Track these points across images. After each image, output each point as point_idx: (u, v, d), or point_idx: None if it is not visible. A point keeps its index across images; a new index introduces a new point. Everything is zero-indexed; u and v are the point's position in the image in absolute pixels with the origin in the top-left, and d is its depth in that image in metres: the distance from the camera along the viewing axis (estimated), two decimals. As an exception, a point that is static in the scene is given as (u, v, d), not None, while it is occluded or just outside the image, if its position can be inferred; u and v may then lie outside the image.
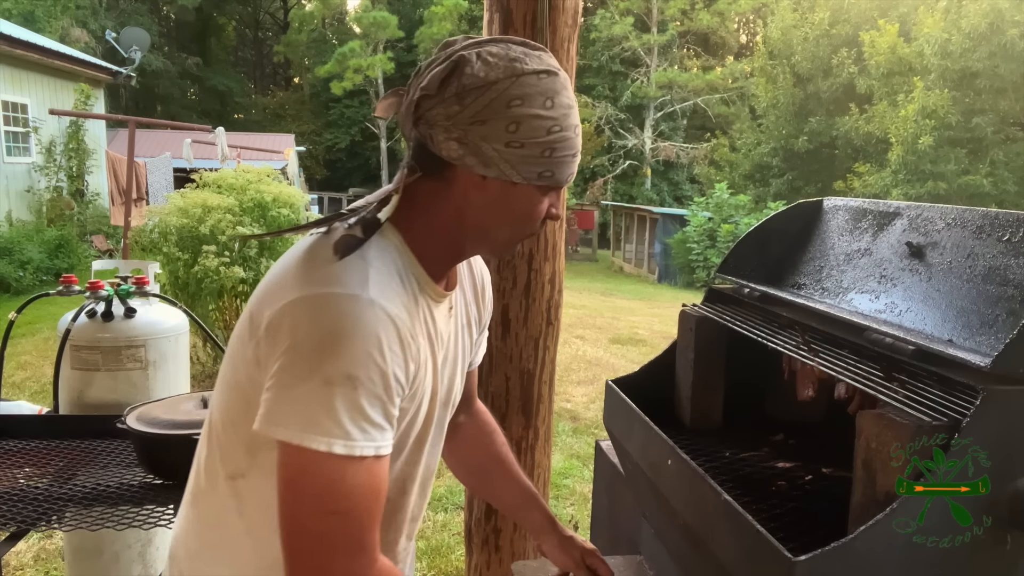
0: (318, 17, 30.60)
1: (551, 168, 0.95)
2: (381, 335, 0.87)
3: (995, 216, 1.18)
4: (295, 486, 0.87)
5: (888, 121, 19.06)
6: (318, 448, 0.84)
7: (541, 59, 0.96)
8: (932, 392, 0.99)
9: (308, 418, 0.85)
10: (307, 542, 0.87)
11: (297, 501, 0.87)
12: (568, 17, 2.12)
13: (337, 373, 0.85)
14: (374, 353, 0.86)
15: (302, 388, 0.86)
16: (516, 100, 0.92)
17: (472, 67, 0.92)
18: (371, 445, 0.87)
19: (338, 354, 0.85)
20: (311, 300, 0.88)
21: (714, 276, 2.11)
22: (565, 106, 0.95)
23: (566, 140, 0.95)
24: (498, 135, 0.92)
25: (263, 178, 6.43)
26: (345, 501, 0.87)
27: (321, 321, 0.87)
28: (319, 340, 0.86)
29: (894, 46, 19.40)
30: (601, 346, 8.28)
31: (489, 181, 0.95)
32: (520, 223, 1.01)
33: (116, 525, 1.54)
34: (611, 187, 25.30)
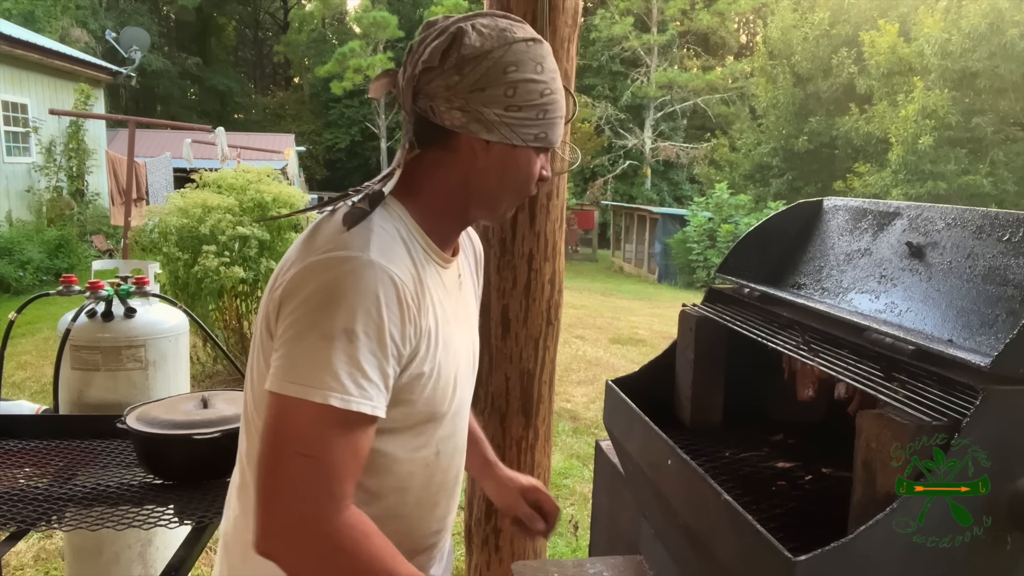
0: (318, 17, 30.59)
1: (545, 129, 1.02)
2: (380, 293, 0.90)
3: (995, 216, 1.18)
4: (276, 427, 0.88)
5: (888, 121, 19.06)
6: (313, 399, 0.86)
7: (525, 29, 1.02)
8: (932, 392, 0.99)
9: (308, 373, 0.87)
10: (276, 482, 0.87)
11: (275, 441, 0.88)
12: (568, 17, 2.12)
13: (335, 328, 0.87)
14: (371, 310, 0.89)
15: (302, 344, 0.88)
16: (511, 66, 0.98)
17: (469, 38, 0.97)
18: (367, 403, 0.89)
19: (336, 310, 0.88)
20: (314, 263, 0.92)
21: (714, 276, 2.11)
22: (552, 71, 1.03)
23: (555, 103, 1.02)
24: (498, 100, 0.97)
25: (263, 178, 6.43)
26: (319, 447, 0.87)
27: (322, 280, 0.90)
28: (319, 298, 0.89)
29: (894, 46, 19.40)
30: (601, 346, 8.27)
31: (492, 146, 1.00)
32: (520, 185, 1.06)
33: (116, 525, 1.54)
34: (611, 187, 25.30)
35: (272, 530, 0.87)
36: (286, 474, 0.87)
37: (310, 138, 28.81)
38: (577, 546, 3.58)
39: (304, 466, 0.87)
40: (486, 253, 2.23)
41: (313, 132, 29.76)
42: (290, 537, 0.87)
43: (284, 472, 0.87)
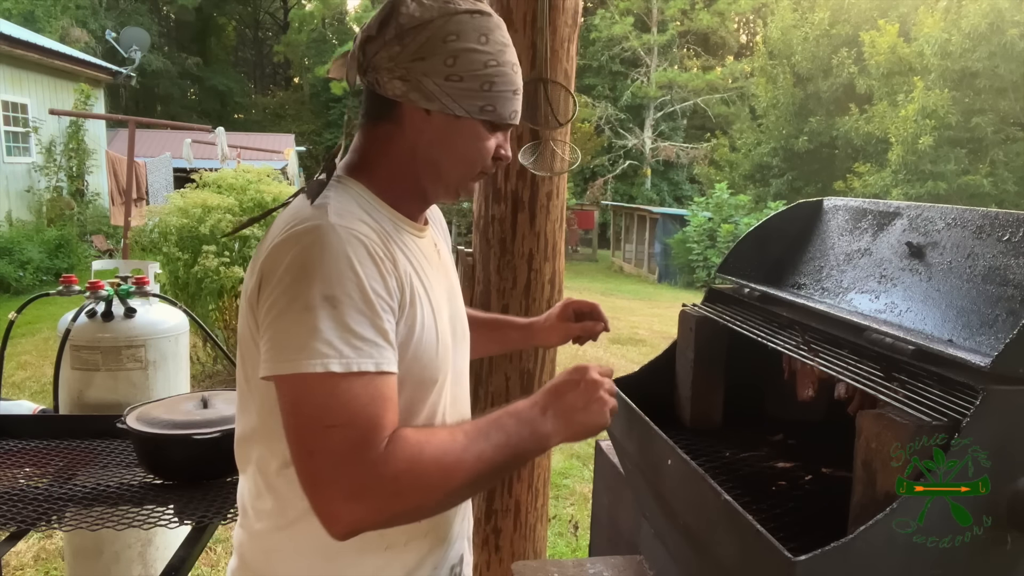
0: (318, 17, 30.60)
1: (491, 102, 1.00)
2: (349, 252, 0.90)
3: (995, 216, 1.18)
4: (295, 411, 0.88)
5: (888, 121, 19.05)
6: (314, 371, 0.85)
7: (473, 2, 1.00)
8: (932, 392, 0.98)
9: (298, 346, 0.86)
10: (319, 464, 0.86)
11: (299, 425, 0.87)
12: (568, 17, 2.12)
13: (314, 297, 0.87)
14: (345, 270, 0.89)
15: (285, 321, 0.88)
16: (451, 36, 0.97)
17: (407, 7, 0.97)
18: (369, 361, 0.88)
19: (311, 279, 0.88)
20: (280, 242, 0.92)
21: (714, 276, 2.11)
22: (500, 43, 1.00)
23: (504, 76, 1.00)
24: (437, 69, 0.97)
25: (263, 178, 6.44)
26: (344, 413, 0.86)
27: (290, 255, 0.89)
28: (292, 273, 0.89)
29: (894, 46, 19.40)
30: (601, 346, 8.27)
31: (433, 115, 0.99)
32: (468, 158, 1.04)
33: (116, 525, 1.54)
34: (611, 187, 25.30)
35: (337, 511, 0.85)
36: (323, 451, 0.85)
37: (310, 138, 28.80)
38: (577, 546, 3.58)
39: (336, 436, 0.85)
40: (486, 253, 2.24)
41: (313, 132, 29.75)
42: (356, 505, 0.85)
43: (320, 450, 0.85)
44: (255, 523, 1.05)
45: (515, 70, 1.02)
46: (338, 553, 0.99)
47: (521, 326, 1.49)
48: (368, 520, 0.87)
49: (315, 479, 0.86)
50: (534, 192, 2.17)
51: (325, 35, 31.54)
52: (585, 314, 1.46)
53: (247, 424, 1.04)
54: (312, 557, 1.01)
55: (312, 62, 30.70)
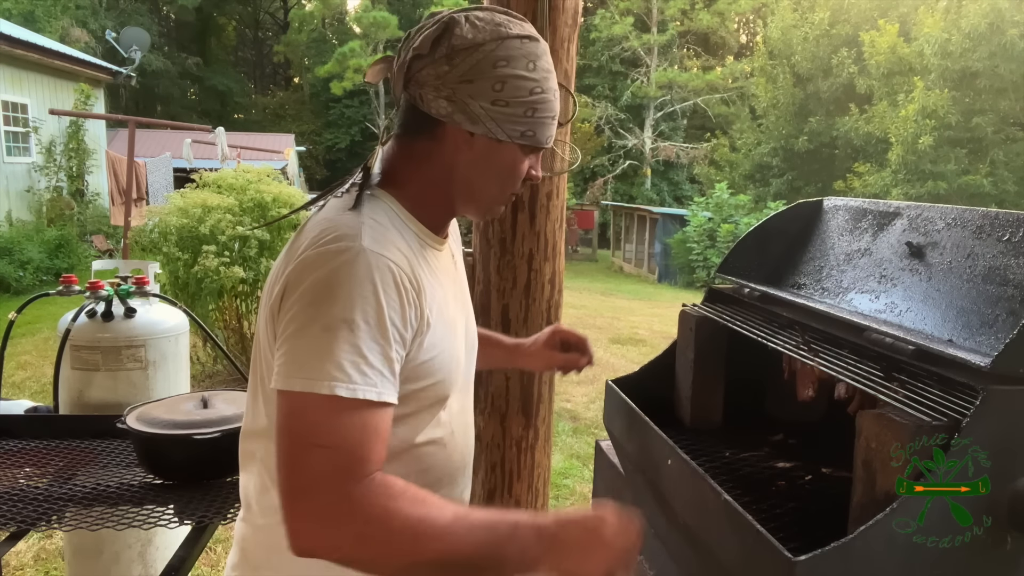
0: (318, 17, 30.59)
1: (533, 128, 1.01)
2: (376, 280, 0.90)
3: (995, 216, 1.18)
4: (289, 424, 0.88)
5: (888, 121, 19.05)
6: (320, 392, 0.86)
7: (523, 26, 1.01)
8: (932, 392, 0.99)
9: (310, 365, 0.87)
10: (297, 478, 0.86)
11: (290, 438, 0.87)
12: (568, 17, 2.12)
13: (334, 319, 0.87)
14: (368, 297, 0.89)
15: (303, 338, 0.88)
16: (502, 61, 0.97)
17: (461, 29, 0.97)
18: (372, 390, 0.88)
19: (333, 300, 0.88)
20: (308, 258, 0.92)
21: (714, 276, 2.11)
22: (545, 70, 1.02)
23: (547, 102, 1.02)
24: (485, 93, 0.97)
25: (263, 178, 6.43)
26: (334, 436, 0.86)
27: (318, 274, 0.90)
28: (317, 291, 0.89)
29: (894, 46, 19.39)
30: (601, 346, 8.27)
31: (476, 138, 1.00)
32: (504, 181, 1.06)
33: (116, 525, 1.54)
34: (611, 187, 25.30)
35: (303, 527, 0.86)
36: (306, 468, 0.86)
37: (310, 138, 28.81)
38: (577, 546, 3.58)
39: (321, 456, 0.86)
40: (486, 253, 2.23)
41: (313, 132, 29.76)
42: (323, 529, 0.85)
43: (303, 466, 0.86)
44: (259, 518, 1.05)
45: (555, 96, 1.04)
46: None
47: (506, 346, 1.47)
48: (323, 548, 0.86)
49: (291, 492, 0.86)
50: (534, 192, 2.17)
51: (325, 35, 31.52)
52: (572, 345, 1.44)
53: (256, 422, 1.05)
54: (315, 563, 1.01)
55: (312, 62, 30.69)
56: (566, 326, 1.46)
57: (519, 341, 1.47)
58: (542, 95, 1.01)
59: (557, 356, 1.43)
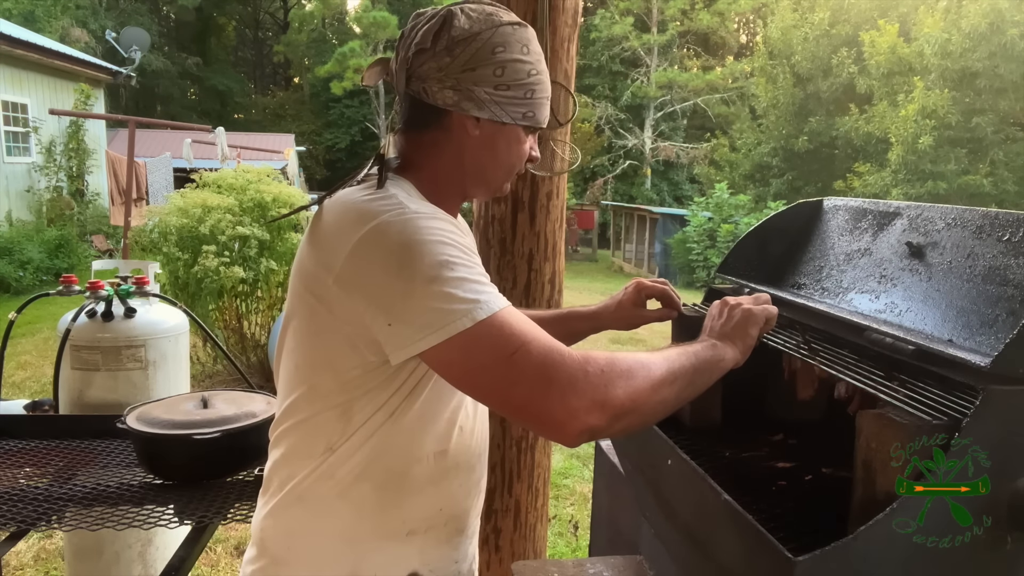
0: (318, 17, 30.59)
1: (532, 108, 1.07)
2: (436, 226, 0.94)
3: (995, 216, 1.18)
4: (471, 366, 0.91)
5: (888, 121, 19.04)
6: (465, 326, 0.88)
7: (509, 13, 1.07)
8: (932, 392, 0.99)
9: (439, 313, 0.89)
10: (522, 390, 0.89)
11: (484, 373, 0.91)
12: (568, 17, 2.12)
13: (430, 267, 0.90)
14: (443, 238, 0.93)
15: (414, 299, 0.90)
16: (499, 47, 1.02)
17: (459, 20, 1.02)
18: (498, 299, 0.92)
19: (419, 256, 0.91)
20: (368, 237, 0.93)
21: (714, 276, 2.11)
22: (537, 53, 1.07)
23: (542, 83, 1.08)
24: (487, 79, 1.02)
25: (263, 178, 6.44)
26: (517, 337, 0.90)
27: (387, 246, 0.93)
28: (396, 258, 0.92)
29: (894, 46, 19.38)
30: (601, 346, 8.26)
31: (483, 123, 1.05)
32: (509, 162, 1.11)
33: (116, 525, 1.54)
34: (611, 187, 25.29)
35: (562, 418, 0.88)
36: (522, 374, 0.89)
37: (310, 138, 28.80)
38: (577, 546, 3.58)
39: (525, 356, 0.89)
40: (486, 253, 2.23)
41: (313, 132, 29.75)
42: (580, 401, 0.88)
43: (520, 376, 0.89)
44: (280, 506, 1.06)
45: (548, 77, 1.10)
46: (360, 537, 1.02)
47: (588, 315, 1.43)
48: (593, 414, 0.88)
49: (529, 402, 0.89)
50: (534, 192, 2.17)
51: (325, 35, 31.52)
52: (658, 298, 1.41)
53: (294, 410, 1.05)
54: (334, 540, 1.03)
55: (312, 62, 30.69)
56: (648, 280, 1.42)
57: (600, 307, 1.43)
58: (538, 76, 1.06)
59: (647, 314, 1.40)
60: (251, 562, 1.09)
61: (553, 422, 0.88)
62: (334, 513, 1.02)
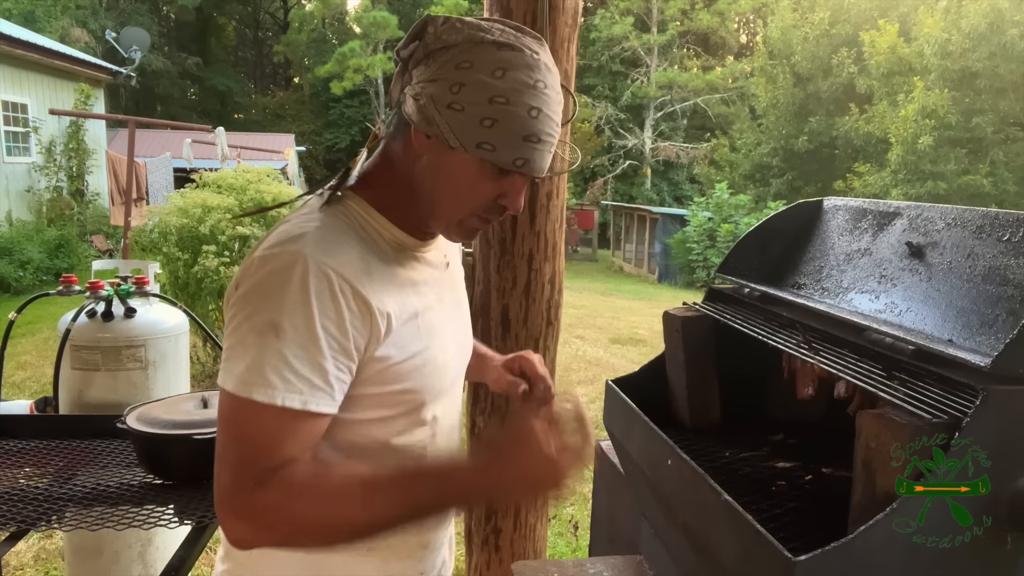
0: (318, 17, 30.58)
1: (491, 141, 0.92)
2: (310, 285, 0.89)
3: (995, 216, 1.18)
4: (219, 416, 0.91)
5: (888, 121, 19.05)
6: (240, 395, 0.87)
7: (508, 34, 0.94)
8: (932, 392, 0.99)
9: (235, 366, 0.89)
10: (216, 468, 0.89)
11: (218, 429, 0.91)
12: (568, 17, 2.12)
13: (263, 322, 0.88)
14: (299, 303, 0.88)
15: (234, 337, 0.90)
16: (465, 63, 0.92)
17: (435, 27, 0.94)
18: (296, 397, 0.88)
19: (265, 304, 0.89)
20: (253, 260, 0.93)
21: (714, 276, 2.11)
22: (521, 83, 0.92)
23: (514, 116, 0.91)
24: (442, 95, 0.92)
25: (263, 178, 6.43)
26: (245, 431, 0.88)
27: (257, 276, 0.91)
28: (251, 293, 0.90)
29: (894, 46, 19.39)
30: (601, 346, 8.27)
31: (432, 141, 0.95)
32: (460, 195, 0.97)
33: (116, 525, 1.54)
34: (611, 187, 25.30)
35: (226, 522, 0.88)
36: (221, 461, 0.89)
37: (310, 138, 28.79)
38: (577, 546, 3.58)
39: (233, 451, 0.88)
40: (486, 253, 2.23)
41: (313, 132, 29.75)
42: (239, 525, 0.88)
43: (220, 459, 0.89)
44: None
45: (534, 115, 0.93)
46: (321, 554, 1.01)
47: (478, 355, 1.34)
48: (249, 539, 0.89)
49: (215, 483, 0.89)
50: (534, 192, 2.17)
51: (325, 35, 31.51)
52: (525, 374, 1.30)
53: None
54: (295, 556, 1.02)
55: (312, 62, 30.68)
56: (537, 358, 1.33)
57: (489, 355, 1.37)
58: (506, 107, 0.91)
59: (504, 377, 1.31)
60: (221, 561, 1.10)
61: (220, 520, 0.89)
62: None
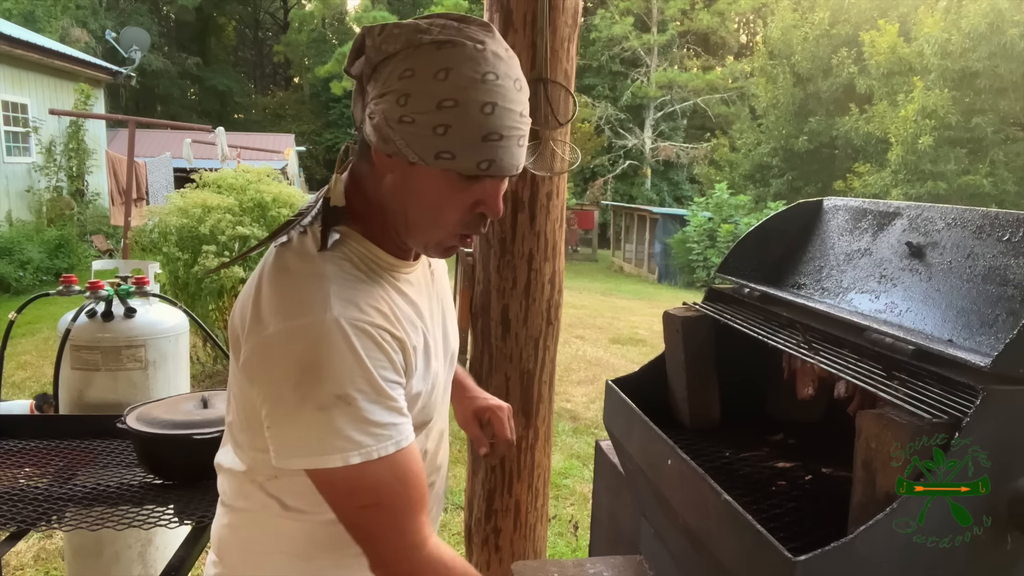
0: (318, 17, 30.60)
1: (448, 149, 0.85)
2: (356, 346, 0.87)
3: (995, 216, 1.18)
4: (329, 494, 0.91)
5: (888, 121, 19.05)
6: (335, 466, 0.87)
7: (460, 30, 0.87)
8: (932, 392, 0.99)
9: (316, 444, 0.87)
10: (357, 534, 0.92)
11: (337, 505, 0.91)
12: (568, 17, 2.12)
13: (327, 397, 0.85)
14: (354, 367, 0.87)
15: (299, 421, 0.87)
16: (407, 72, 0.85)
17: (373, 40, 0.88)
18: (390, 443, 0.89)
19: (321, 380, 0.86)
20: (279, 336, 0.87)
21: (714, 276, 2.11)
22: (467, 79, 0.84)
23: (464, 119, 0.85)
24: (392, 110, 0.86)
25: (263, 178, 6.43)
26: (372, 495, 0.89)
27: (293, 354, 0.87)
28: (298, 373, 0.86)
29: (894, 46, 19.39)
30: (601, 346, 8.27)
31: (394, 160, 0.90)
32: (434, 211, 0.92)
33: (116, 525, 1.54)
34: (611, 187, 25.30)
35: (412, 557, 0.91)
36: (363, 528, 0.92)
37: (310, 138, 28.79)
38: (577, 546, 3.58)
39: (372, 517, 0.91)
40: (486, 253, 2.23)
41: (313, 132, 29.75)
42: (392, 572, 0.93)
43: (361, 527, 0.92)
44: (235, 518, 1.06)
45: (488, 111, 0.85)
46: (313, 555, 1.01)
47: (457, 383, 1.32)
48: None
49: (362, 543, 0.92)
50: (534, 192, 2.17)
51: (325, 35, 31.52)
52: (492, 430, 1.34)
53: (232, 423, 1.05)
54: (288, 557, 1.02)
55: (312, 62, 30.69)
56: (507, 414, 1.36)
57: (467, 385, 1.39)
58: (454, 108, 0.84)
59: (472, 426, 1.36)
60: (213, 565, 1.09)
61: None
62: (284, 531, 1.01)
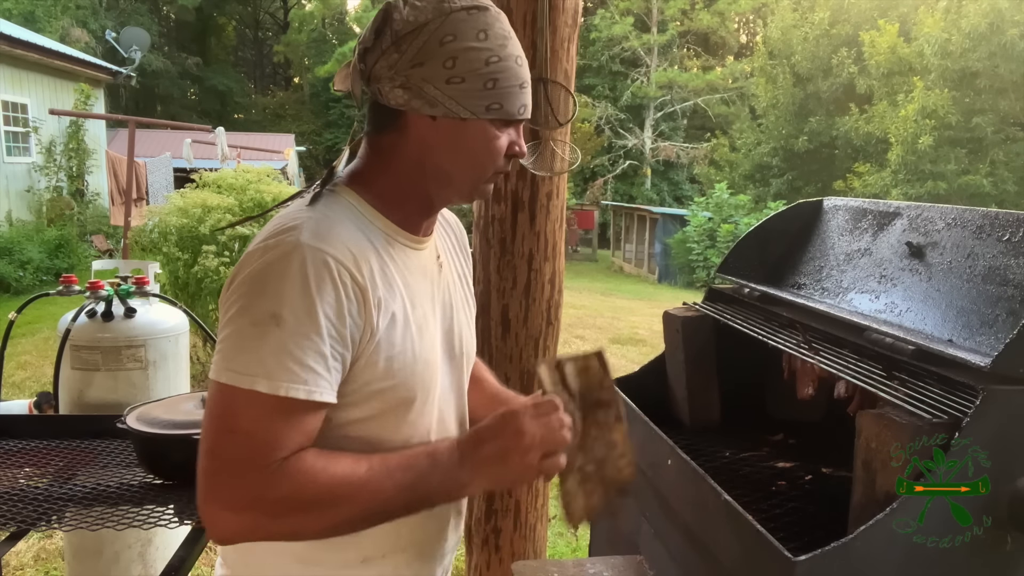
0: (318, 17, 30.61)
1: (498, 100, 0.96)
2: (309, 273, 0.88)
3: (995, 216, 1.18)
4: (211, 410, 0.89)
5: (888, 121, 19.05)
6: (241, 386, 0.86)
7: None
8: (932, 392, 0.99)
9: (235, 359, 0.87)
10: (209, 463, 0.87)
11: (209, 423, 0.88)
12: (568, 17, 2.12)
13: (262, 313, 0.87)
14: (298, 291, 0.88)
15: (232, 330, 0.89)
16: (448, 36, 0.93)
17: (400, 12, 0.94)
18: (300, 387, 0.87)
19: (263, 294, 0.88)
20: (249, 251, 0.92)
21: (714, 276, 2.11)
22: (501, 36, 0.97)
23: (507, 70, 0.96)
24: (437, 73, 0.94)
25: (263, 178, 6.43)
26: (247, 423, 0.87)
27: (254, 267, 0.90)
28: (249, 284, 0.89)
29: (894, 46, 19.40)
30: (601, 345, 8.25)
31: (439, 121, 0.96)
32: (480, 160, 1.00)
33: (116, 525, 1.54)
34: (611, 187, 25.30)
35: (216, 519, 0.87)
36: (218, 454, 0.87)
37: (310, 138, 28.78)
38: (577, 546, 3.58)
39: (232, 443, 0.87)
40: (486, 253, 2.23)
41: (313, 132, 29.74)
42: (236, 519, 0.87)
43: (216, 453, 0.87)
44: None
45: (519, 63, 0.98)
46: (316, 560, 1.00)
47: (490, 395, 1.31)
48: (242, 534, 0.89)
49: (204, 479, 0.87)
50: (534, 192, 2.17)
51: (325, 35, 31.53)
52: None
53: None
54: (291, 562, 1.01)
55: (312, 62, 30.70)
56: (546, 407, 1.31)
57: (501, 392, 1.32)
58: (500, 63, 0.95)
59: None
60: (221, 566, 1.11)
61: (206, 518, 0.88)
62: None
